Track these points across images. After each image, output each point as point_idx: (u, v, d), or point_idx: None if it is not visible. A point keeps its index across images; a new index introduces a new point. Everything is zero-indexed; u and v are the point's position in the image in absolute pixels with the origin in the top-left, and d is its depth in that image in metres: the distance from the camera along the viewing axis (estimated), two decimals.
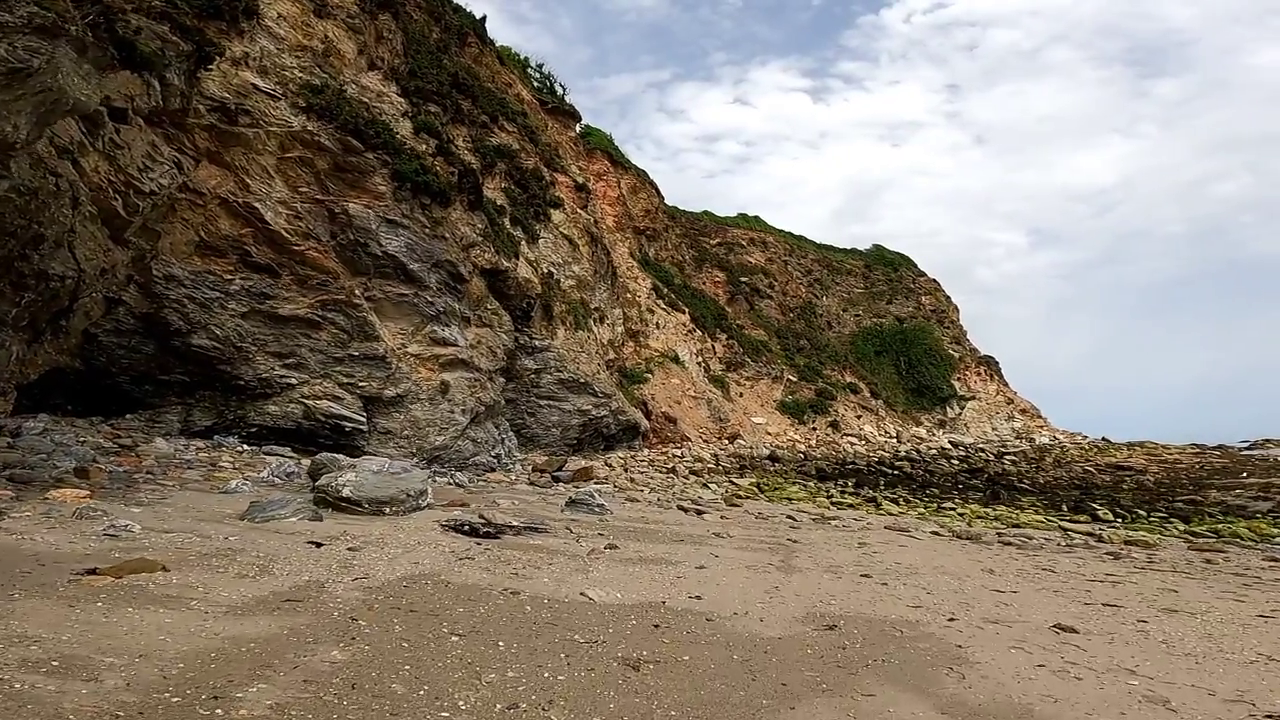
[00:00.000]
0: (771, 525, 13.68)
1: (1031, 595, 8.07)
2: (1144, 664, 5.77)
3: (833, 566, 9.30)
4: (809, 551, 10.44)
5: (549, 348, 26.92)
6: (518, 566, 7.80)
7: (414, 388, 19.77)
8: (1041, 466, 36.64)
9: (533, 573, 7.56)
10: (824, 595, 7.54)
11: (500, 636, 5.37)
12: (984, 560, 10.40)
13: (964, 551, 11.32)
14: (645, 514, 13.78)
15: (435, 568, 7.32)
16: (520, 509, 13.00)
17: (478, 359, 21.25)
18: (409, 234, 20.18)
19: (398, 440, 19.42)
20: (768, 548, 10.62)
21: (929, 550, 11.22)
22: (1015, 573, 9.50)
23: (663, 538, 10.86)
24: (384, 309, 19.91)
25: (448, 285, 21.01)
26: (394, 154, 20.49)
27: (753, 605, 6.93)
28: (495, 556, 8.18)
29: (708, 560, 9.15)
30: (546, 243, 29.28)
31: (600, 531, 11.03)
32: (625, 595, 6.94)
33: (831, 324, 53.12)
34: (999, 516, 17.66)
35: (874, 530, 13.66)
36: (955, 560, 10.24)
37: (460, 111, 27.68)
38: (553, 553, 8.84)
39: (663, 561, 8.84)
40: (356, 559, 7.31)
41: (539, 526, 10.79)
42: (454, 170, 23.20)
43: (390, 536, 8.63)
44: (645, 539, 10.57)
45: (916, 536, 12.90)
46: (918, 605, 7.31)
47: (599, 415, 28.00)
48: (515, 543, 9.31)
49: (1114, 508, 19.63)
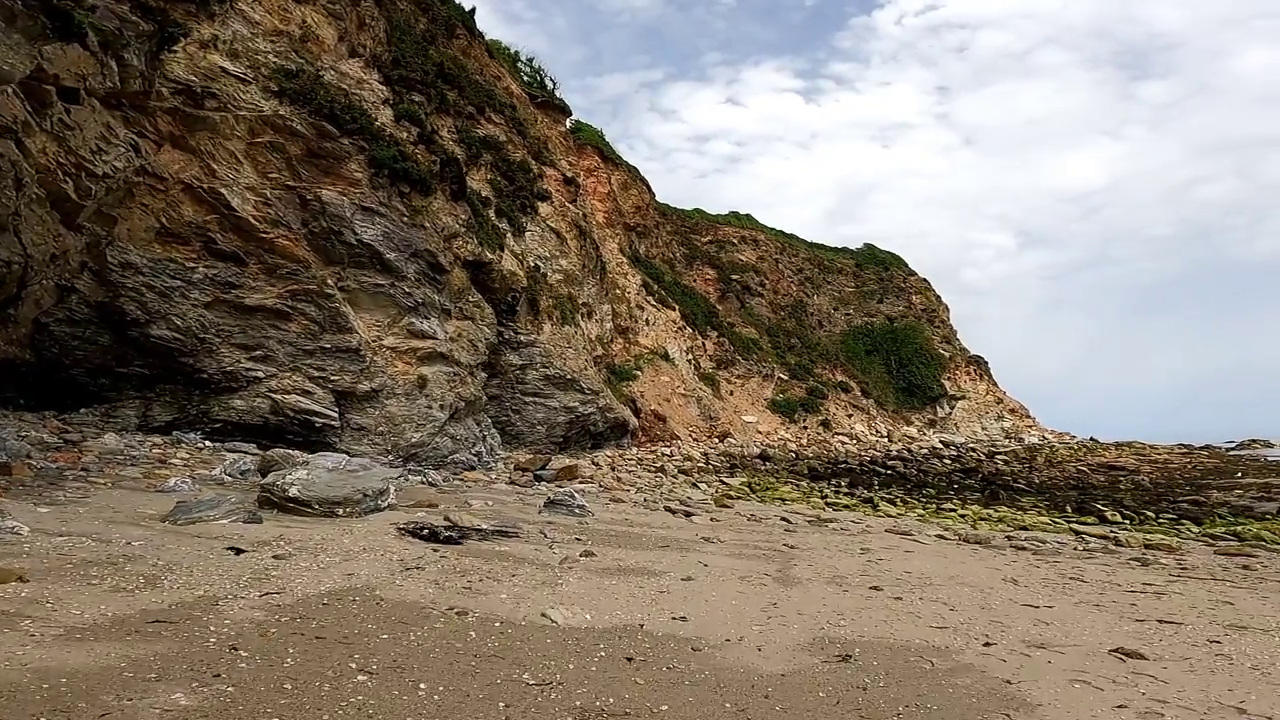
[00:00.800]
0: (765, 528, 12.43)
1: (1070, 610, 6.82)
2: (1249, 697, 4.54)
3: (836, 577, 8.05)
4: (808, 559, 9.18)
5: (535, 343, 25.62)
6: (474, 578, 6.52)
7: (390, 382, 18.46)
8: (1034, 466, 35.54)
9: (490, 587, 6.28)
10: (831, 614, 6.28)
11: (425, 675, 4.09)
12: (1001, 568, 9.17)
13: (976, 558, 10.09)
14: (629, 516, 12.51)
15: (373, 580, 6.05)
16: (494, 510, 11.72)
17: (458, 353, 19.95)
18: (386, 222, 18.89)
19: (372, 437, 18.10)
20: (762, 555, 9.36)
21: (938, 557, 9.98)
22: (1041, 582, 8.26)
23: (646, 543, 9.59)
24: (358, 300, 18.60)
25: (427, 276, 19.71)
26: (371, 140, 19.21)
27: (748, 628, 5.67)
28: (450, 566, 6.90)
29: (696, 570, 7.88)
30: (533, 236, 28.00)
31: (578, 536, 9.75)
32: (596, 616, 5.67)
33: (822, 323, 51.94)
34: (1003, 518, 16.44)
35: (875, 534, 12.41)
36: (970, 568, 9.01)
37: (445, 102, 26.41)
38: (519, 561, 7.56)
39: (644, 572, 7.57)
40: (278, 569, 6.03)
41: (510, 530, 9.52)
42: (436, 159, 21.90)
43: (332, 542, 7.33)
44: (627, 545, 9.30)
45: (921, 541, 11.66)
46: (943, 626, 6.06)
47: (586, 413, 26.71)
48: (479, 549, 8.03)
49: (1119, 509, 18.45)
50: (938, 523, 14.93)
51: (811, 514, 15.33)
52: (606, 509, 13.35)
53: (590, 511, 12.12)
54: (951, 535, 12.65)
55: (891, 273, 58.08)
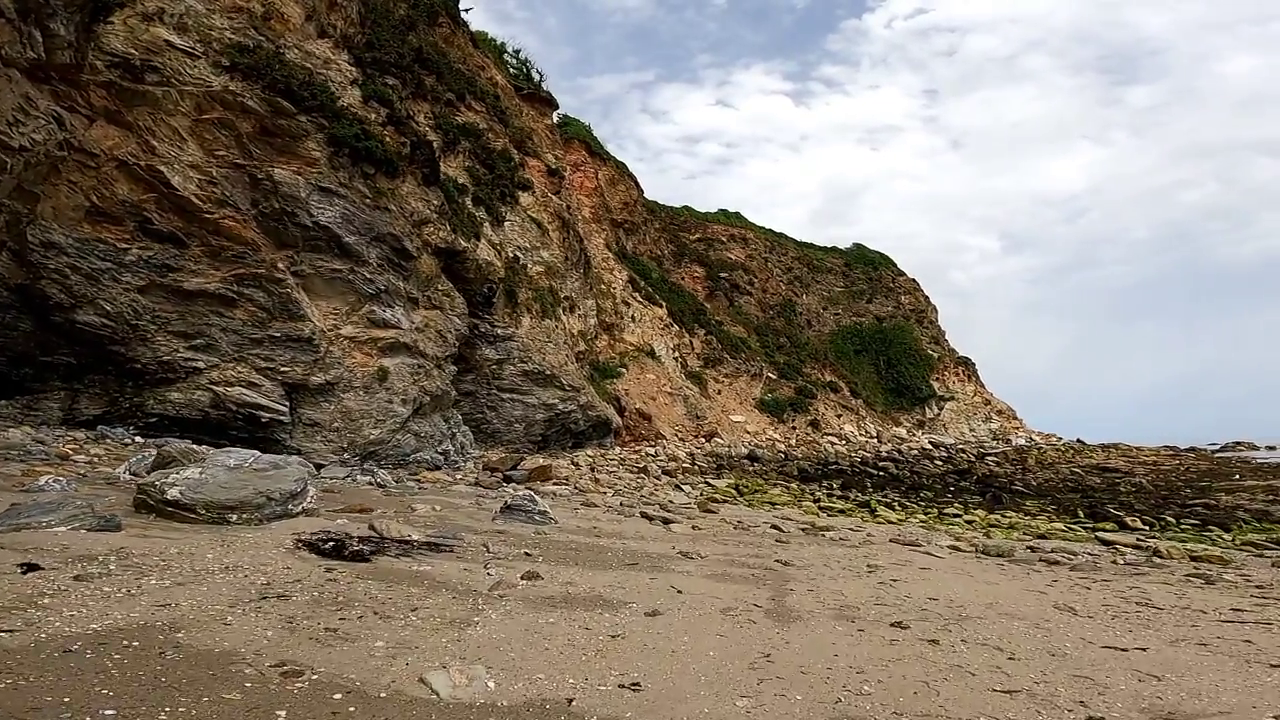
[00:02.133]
0: (754, 539, 10.52)
1: (1173, 655, 4.94)
2: None
3: (845, 607, 6.15)
4: (806, 580, 7.28)
5: (512, 336, 23.69)
6: (353, 614, 4.62)
7: (347, 374, 16.50)
8: (1027, 468, 33.81)
9: (366, 628, 4.37)
10: (847, 671, 4.38)
11: None
12: (1044, 590, 7.29)
13: (1007, 575, 8.21)
14: (599, 524, 10.58)
15: (194, 613, 4.16)
16: (439, 517, 9.79)
17: (424, 344, 17.99)
18: (346, 204, 16.96)
19: (326, 434, 16.14)
20: (750, 575, 7.46)
21: (961, 575, 8.09)
22: (1105, 610, 6.40)
23: (611, 560, 7.67)
24: (314, 285, 16.65)
25: (391, 262, 17.77)
26: (332, 119, 17.29)
27: (730, 702, 3.78)
28: (330, 595, 4.99)
29: (666, 599, 5.98)
30: (513, 226, 26.08)
31: (529, 550, 7.83)
32: (504, 682, 3.76)
33: (811, 322, 50.10)
34: (1014, 525, 14.58)
35: (879, 545, 10.52)
36: (1007, 591, 7.12)
37: (422, 87, 24.50)
38: (435, 586, 5.65)
39: (598, 603, 5.67)
40: (60, 595, 4.14)
41: (445, 543, 7.59)
42: (405, 141, 19.96)
43: (191, 557, 5.44)
44: (586, 562, 7.38)
45: (934, 554, 9.78)
46: (1010, 689, 4.17)
47: (566, 410, 24.78)
48: (389, 569, 6.11)
49: (1133, 514, 16.61)
50: (945, 530, 13.06)
51: (805, 520, 13.44)
52: (574, 515, 11.43)
53: (552, 519, 10.20)
54: (966, 546, 10.77)
55: (880, 272, 56.29)
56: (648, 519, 11.80)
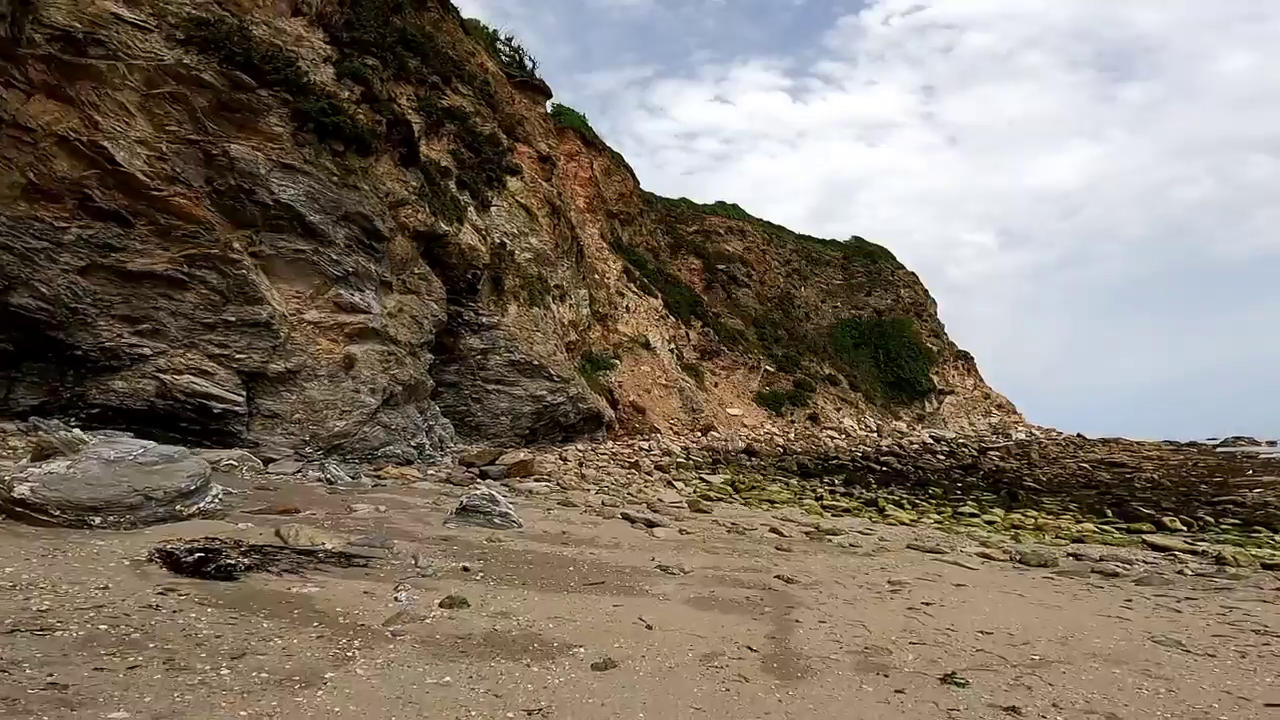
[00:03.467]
0: (750, 546, 8.91)
1: None
2: None
3: (871, 649, 4.54)
4: (815, 605, 5.67)
5: (498, 325, 22.06)
6: (128, 661, 3.08)
7: (310, 362, 14.89)
8: (1033, 463, 32.14)
9: (119, 692, 2.80)
10: None
11: None
12: (1123, 613, 5.66)
13: (1065, 593, 6.58)
14: (570, 528, 8.97)
15: None
16: (380, 519, 8.19)
17: (396, 330, 16.38)
18: (310, 181, 15.35)
19: (287, 426, 14.53)
20: (744, 598, 5.85)
21: (1008, 594, 6.46)
22: (1213, 640, 4.78)
23: (570, 577, 6.07)
24: (275, 267, 15.05)
25: (360, 243, 16.15)
26: (297, 93, 15.69)
27: None
28: (121, 631, 3.44)
29: (627, 640, 4.38)
30: (500, 211, 24.44)
31: (470, 562, 6.24)
32: None
33: (810, 315, 48.38)
34: (1040, 526, 12.97)
35: (896, 552, 8.90)
36: (1077, 618, 5.50)
37: (405, 69, 22.87)
38: (306, 619, 4.06)
39: (528, 649, 4.05)
40: None
41: (363, 554, 6.01)
42: (381, 119, 18.32)
43: None
44: (538, 580, 5.78)
45: (965, 564, 8.16)
46: None
47: (555, 402, 23.15)
48: (259, 590, 4.53)
49: (1165, 513, 14.96)
50: (966, 533, 11.42)
51: (808, 522, 11.83)
52: (546, 517, 9.83)
53: (515, 522, 8.58)
54: (999, 554, 9.14)
55: (880, 265, 54.51)
56: (629, 521, 10.19)
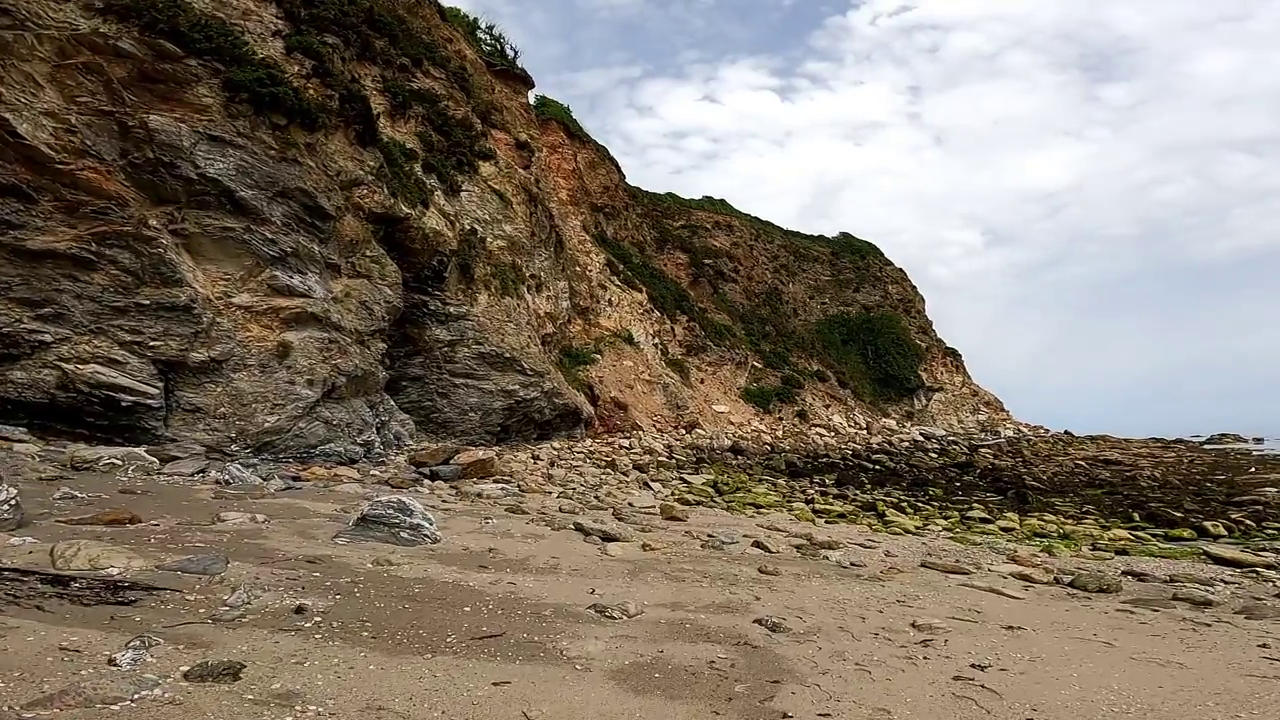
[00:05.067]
0: (725, 568, 7.02)
1: None
2: None
3: None
4: (814, 675, 3.78)
5: (467, 315, 20.13)
6: None
7: (238, 350, 12.95)
8: (1028, 461, 30.37)
9: None
10: None
11: None
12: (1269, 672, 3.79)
13: (1164, 638, 4.71)
14: (502, 544, 7.06)
15: None
16: (248, 532, 6.26)
17: (341, 315, 14.43)
18: (244, 155, 13.43)
19: (210, 421, 12.58)
20: (705, 665, 3.94)
21: (1088, 642, 4.57)
22: None
23: (456, 626, 4.17)
24: (200, 247, 13.12)
25: (301, 221, 14.22)
26: (232, 63, 13.78)
27: None
28: None
29: None
30: (471, 196, 22.50)
31: (313, 599, 4.35)
32: None
33: (798, 311, 46.52)
34: (1068, 534, 11.10)
35: (909, 572, 7.05)
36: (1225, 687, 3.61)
37: (371, 49, 20.99)
38: None
39: None
40: None
41: (151, 584, 4.09)
42: (333, 94, 16.39)
43: None
44: (399, 632, 3.88)
45: (1006, 592, 6.30)
46: None
47: (528, 397, 21.22)
48: None
49: (1185, 514, 13.14)
50: (987, 545, 9.53)
51: (799, 532, 9.94)
52: (480, 529, 7.91)
53: (429, 535, 6.68)
54: (1041, 574, 7.27)
55: (868, 262, 52.71)
56: (581, 534, 8.27)
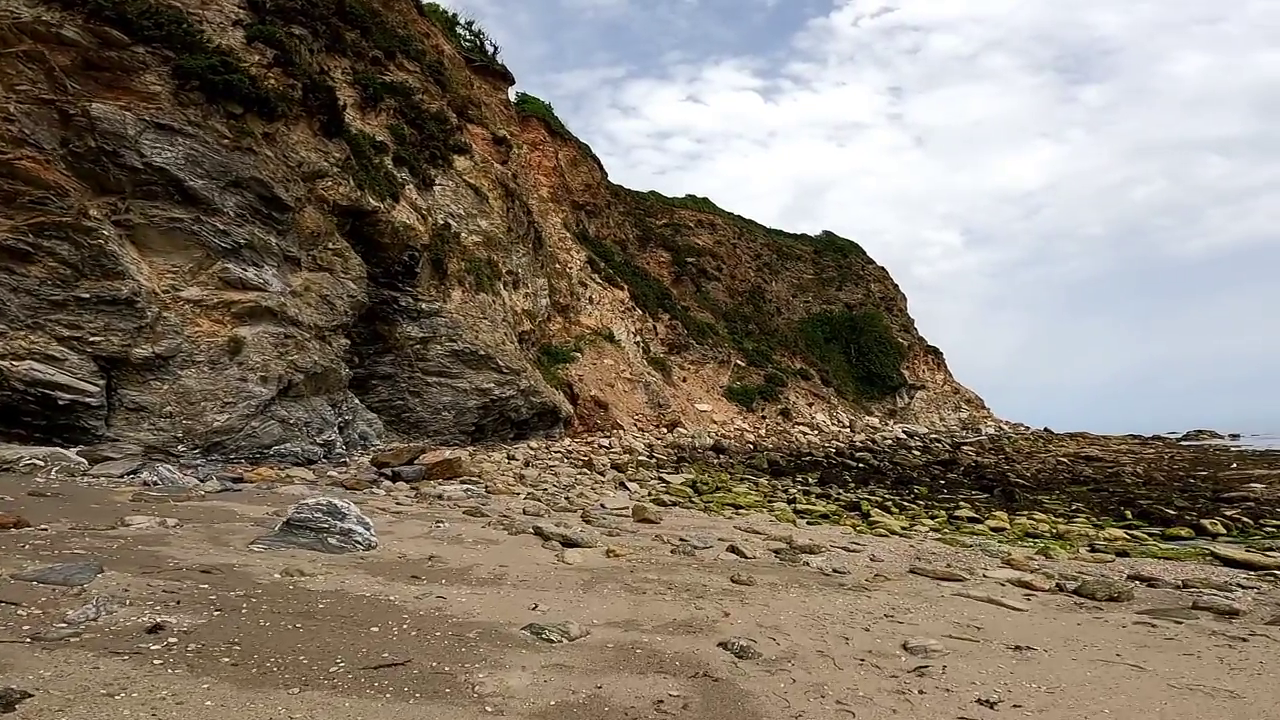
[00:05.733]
0: (694, 576, 6.30)
1: None
2: None
3: None
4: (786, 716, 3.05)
5: (440, 312, 19.32)
6: None
7: (187, 345, 12.10)
8: (1011, 458, 29.88)
9: None
10: None
11: None
12: None
13: (1197, 656, 4.05)
14: (446, 550, 6.31)
15: None
16: (150, 538, 5.46)
17: (299, 310, 13.60)
18: (194, 144, 12.63)
19: (156, 420, 11.72)
20: (650, 706, 3.21)
21: (1113, 665, 3.88)
22: None
23: (350, 654, 3.42)
24: (147, 238, 12.30)
25: (257, 212, 13.39)
26: (183, 50, 13.00)
27: None
28: None
29: None
30: (445, 190, 21.68)
31: (179, 616, 3.57)
32: None
33: (781, 309, 45.92)
34: (1061, 534, 10.46)
35: (898, 580, 6.37)
36: None
37: (341, 40, 20.15)
38: None
39: None
40: None
41: None
42: (295, 83, 15.58)
43: None
44: (271, 659, 3.15)
45: (1007, 603, 5.63)
46: None
47: (504, 396, 20.43)
48: None
49: (1178, 510, 12.57)
50: (979, 547, 8.85)
51: (778, 535, 9.23)
52: (427, 534, 7.15)
53: (362, 542, 5.92)
54: (1041, 580, 6.59)
55: (850, 260, 52.23)
56: (540, 538, 7.52)
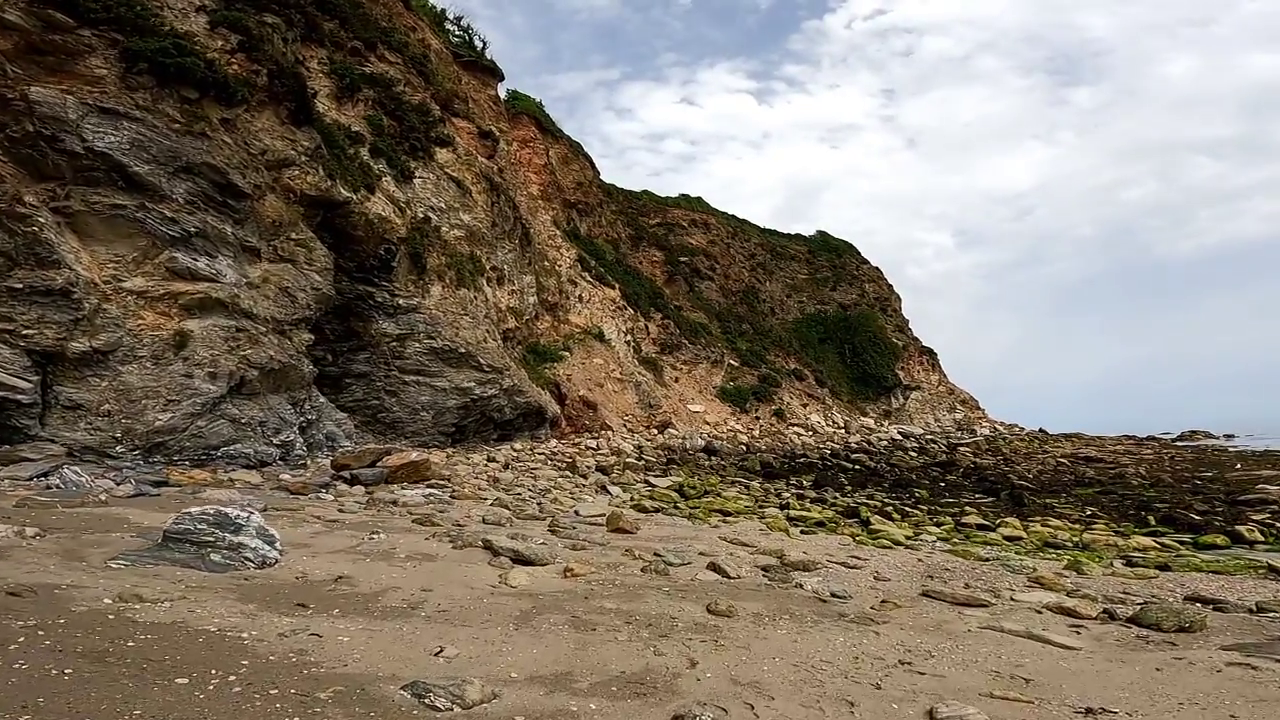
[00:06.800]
0: (661, 606, 5.25)
1: None
2: None
3: None
4: None
5: (418, 308, 18.25)
6: None
7: (128, 339, 11.03)
8: (1010, 459, 28.80)
9: None
10: None
11: None
12: None
13: None
14: (362, 568, 5.25)
15: None
16: (3, 550, 4.36)
17: (255, 302, 12.52)
18: (141, 128, 11.60)
19: (93, 419, 10.65)
20: None
21: None
22: None
23: None
24: (87, 226, 11.25)
25: (211, 199, 12.33)
26: (133, 33, 11.98)
27: None
28: None
29: None
30: (425, 183, 20.62)
31: None
32: None
33: (775, 309, 44.84)
34: (1087, 544, 9.33)
35: (910, 610, 5.32)
36: None
37: (318, 30, 19.11)
38: None
39: None
40: None
41: None
42: (259, 69, 14.53)
43: None
44: None
45: (1051, 638, 4.59)
46: None
47: (485, 395, 19.35)
48: None
49: (1205, 517, 11.49)
50: (999, 562, 7.73)
51: (768, 548, 8.17)
52: (355, 545, 6.10)
53: (250, 559, 4.86)
54: (1083, 604, 5.53)
55: (844, 260, 51.18)
56: (490, 553, 6.45)
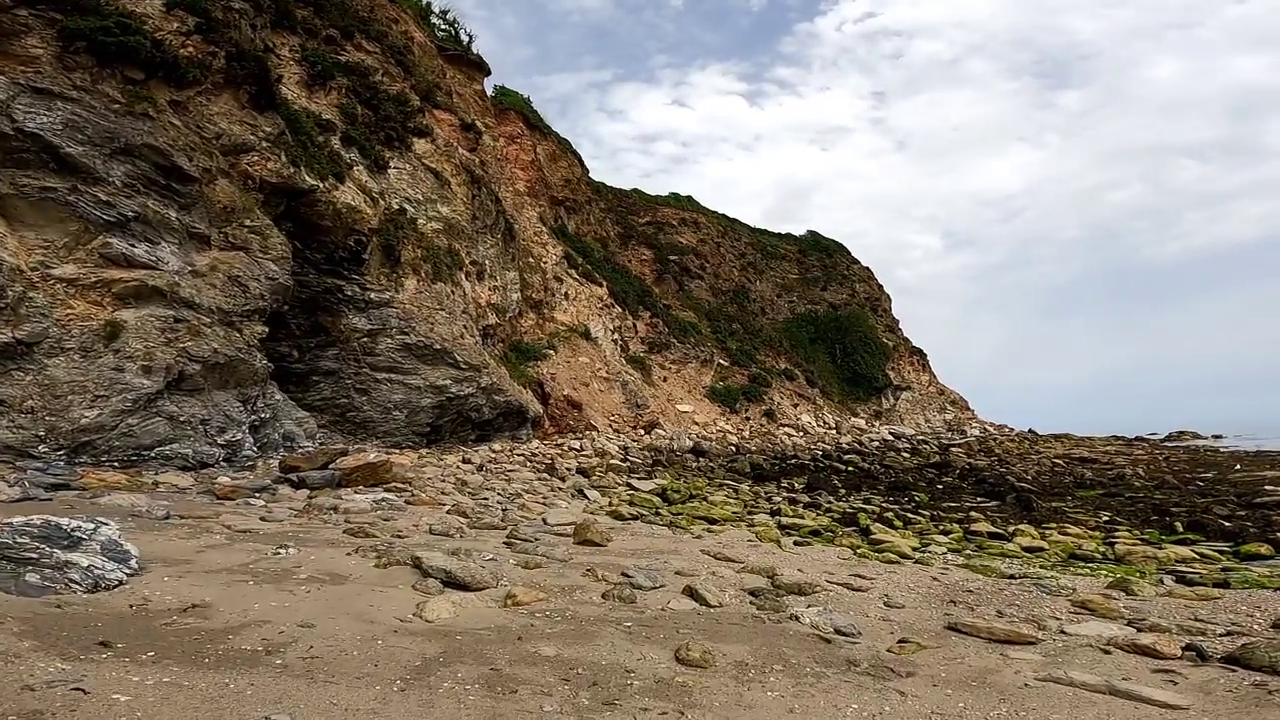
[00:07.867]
0: (611, 656, 4.21)
1: None
2: None
3: None
4: None
5: (390, 302, 17.13)
6: None
7: (55, 330, 9.88)
8: (1004, 460, 27.82)
9: None
10: None
11: None
12: None
13: None
14: (238, 592, 4.16)
15: None
16: None
17: (198, 291, 11.38)
18: (76, 109, 10.49)
19: (15, 415, 9.51)
20: None
21: None
22: None
23: None
24: (14, 209, 10.13)
25: (153, 183, 11.21)
26: (73, 12, 10.86)
27: None
28: None
29: None
30: (401, 174, 19.49)
31: None
32: None
33: (765, 309, 43.81)
34: (1123, 556, 8.27)
35: (936, 653, 4.28)
36: None
37: (290, 17, 17.97)
38: None
39: None
40: None
41: None
42: (216, 52, 13.40)
43: None
44: None
45: (1144, 695, 3.56)
46: None
47: (462, 394, 18.23)
48: None
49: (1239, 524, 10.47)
50: (1031, 580, 6.63)
51: (758, 564, 7.09)
52: (255, 563, 4.97)
53: (82, 580, 3.80)
54: (1163, 640, 4.47)
55: (835, 260, 50.22)
56: (419, 573, 5.35)
